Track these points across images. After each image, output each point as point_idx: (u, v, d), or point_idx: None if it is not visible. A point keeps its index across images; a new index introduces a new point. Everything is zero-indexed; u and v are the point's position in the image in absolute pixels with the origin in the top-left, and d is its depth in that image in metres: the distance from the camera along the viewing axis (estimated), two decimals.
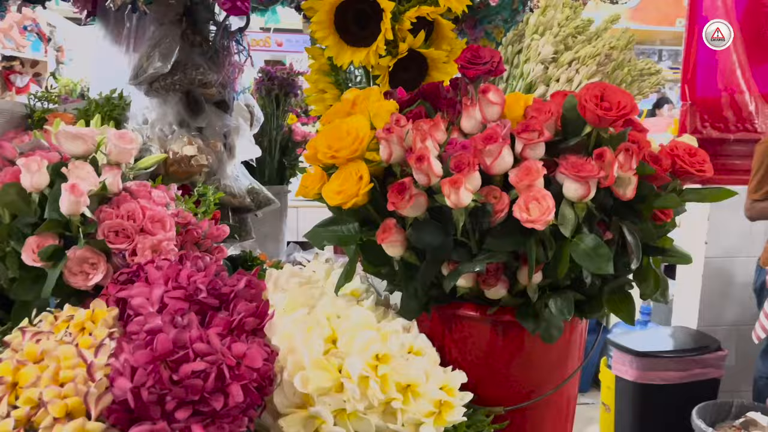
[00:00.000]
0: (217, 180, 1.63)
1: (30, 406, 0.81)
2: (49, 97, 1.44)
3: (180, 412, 0.76)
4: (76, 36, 4.82)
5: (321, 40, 1.38)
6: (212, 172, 1.62)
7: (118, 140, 1.23)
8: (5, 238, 1.20)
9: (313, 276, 1.16)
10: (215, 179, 1.63)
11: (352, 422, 0.85)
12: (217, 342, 0.84)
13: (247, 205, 1.68)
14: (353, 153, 0.92)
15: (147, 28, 1.57)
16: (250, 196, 1.68)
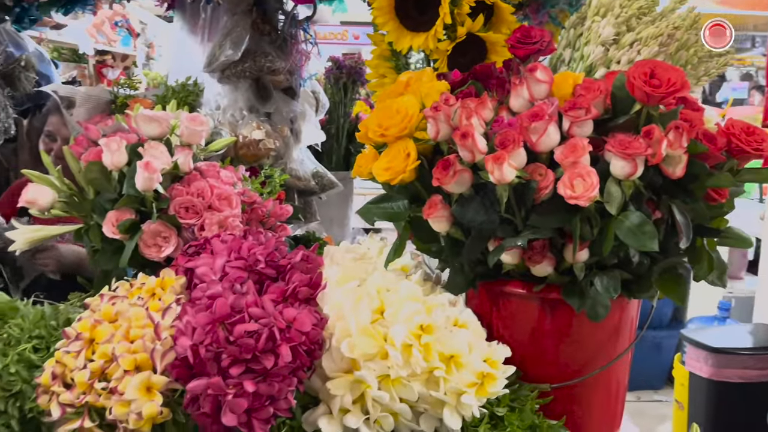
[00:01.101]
0: (284, 163, 1.71)
1: (104, 360, 0.90)
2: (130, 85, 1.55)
3: (234, 368, 0.82)
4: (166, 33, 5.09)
5: (381, 26, 1.42)
6: (279, 156, 1.70)
7: (189, 122, 1.31)
8: (89, 213, 1.31)
9: (366, 253, 1.20)
10: (282, 162, 1.70)
11: (396, 388, 0.88)
12: (271, 307, 0.89)
13: (311, 188, 1.74)
14: (402, 131, 0.95)
15: (220, 18, 1.66)
16: (314, 179, 1.75)
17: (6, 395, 0.89)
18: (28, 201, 1.24)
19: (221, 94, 1.68)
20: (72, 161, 1.33)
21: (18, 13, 1.59)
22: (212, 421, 0.83)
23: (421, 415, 0.91)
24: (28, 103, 2.66)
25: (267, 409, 0.83)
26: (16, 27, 1.69)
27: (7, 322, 0.97)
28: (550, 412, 0.98)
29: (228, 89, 1.67)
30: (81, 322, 0.94)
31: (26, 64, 2.45)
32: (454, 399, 0.89)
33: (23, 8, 1.57)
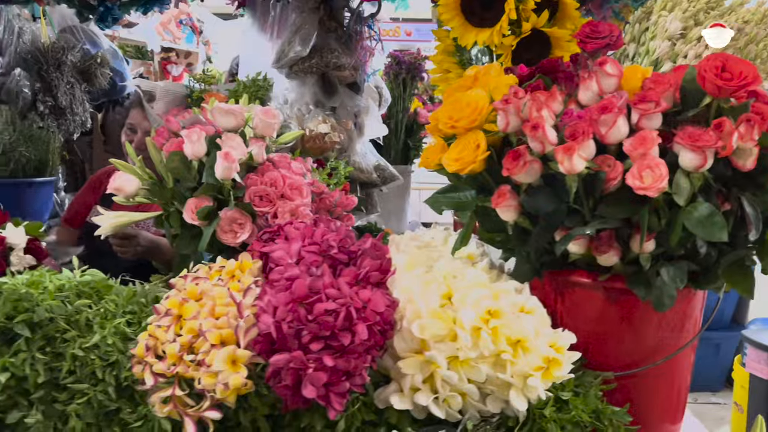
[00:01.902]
0: (347, 156, 1.76)
1: (192, 335, 0.97)
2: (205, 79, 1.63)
3: (314, 344, 0.87)
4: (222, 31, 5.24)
5: (447, 22, 1.46)
6: (343, 149, 1.75)
7: (263, 115, 1.38)
8: (170, 200, 1.40)
9: (431, 241, 1.25)
10: (345, 155, 1.76)
11: (464, 369, 0.92)
12: (346, 288, 0.95)
13: (373, 181, 1.80)
14: (472, 123, 0.99)
15: (289, 15, 1.72)
16: (376, 172, 1.80)
17: (104, 364, 0.97)
18: (115, 188, 1.33)
19: (289, 89, 1.75)
20: (154, 151, 1.41)
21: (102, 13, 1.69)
22: (292, 394, 0.89)
23: (488, 396, 0.95)
24: (102, 98, 2.82)
25: (343, 383, 0.88)
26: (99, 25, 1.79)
27: (102, 297, 1.05)
28: (612, 399, 1.01)
29: (295, 84, 1.73)
30: (170, 300, 1.02)
31: (102, 61, 2.60)
32: (521, 382, 0.92)
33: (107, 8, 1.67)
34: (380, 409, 0.96)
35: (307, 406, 0.92)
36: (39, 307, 0.97)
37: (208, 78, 1.69)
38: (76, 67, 2.55)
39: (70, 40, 2.59)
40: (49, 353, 0.97)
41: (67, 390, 0.96)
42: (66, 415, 0.96)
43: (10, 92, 2.39)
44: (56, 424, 0.96)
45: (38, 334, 0.97)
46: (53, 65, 2.48)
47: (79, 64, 2.57)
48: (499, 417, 0.95)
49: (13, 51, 2.51)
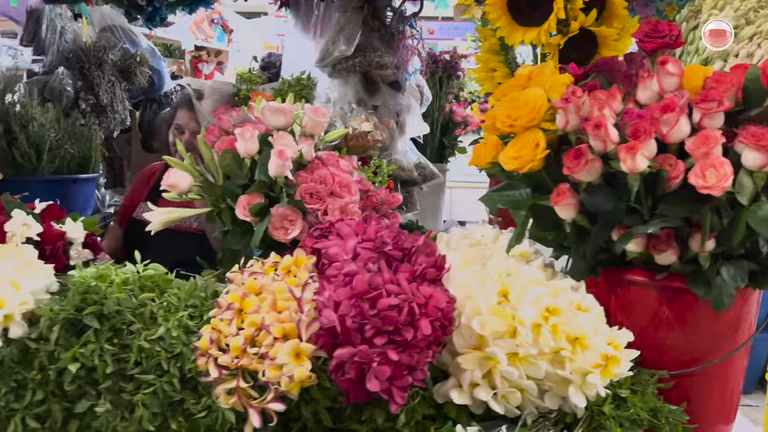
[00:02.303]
0: (389, 154, 1.78)
1: (254, 328, 0.99)
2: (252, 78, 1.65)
3: (378, 338, 0.89)
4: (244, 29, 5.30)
5: (493, 21, 1.46)
6: (384, 147, 1.77)
7: (313, 114, 1.40)
8: (220, 197, 1.42)
9: (481, 239, 1.26)
10: (387, 154, 1.77)
11: (523, 365, 0.93)
12: (406, 284, 0.96)
13: (414, 179, 1.81)
14: (530, 122, 1.00)
15: (332, 15, 1.74)
16: (417, 170, 1.81)
17: (169, 356, 0.99)
18: (170, 185, 1.36)
19: (331, 88, 1.77)
20: (205, 149, 1.44)
21: (150, 13, 1.73)
22: (355, 387, 0.91)
23: (546, 392, 0.96)
24: (140, 97, 2.87)
25: (406, 378, 0.90)
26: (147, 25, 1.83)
27: (164, 291, 1.07)
28: (667, 398, 1.01)
29: (338, 83, 1.75)
30: (231, 294, 1.04)
31: (141, 60, 2.64)
32: (580, 378, 0.93)
33: (155, 8, 1.70)
34: (439, 403, 0.97)
35: (369, 400, 0.94)
36: (108, 300, 0.99)
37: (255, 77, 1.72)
38: (116, 66, 2.60)
39: (111, 39, 2.64)
40: (117, 345, 0.99)
41: (134, 380, 0.99)
42: (132, 404, 0.98)
43: (53, 90, 2.45)
44: (123, 414, 0.98)
45: (106, 326, 1.00)
46: (95, 64, 2.53)
47: (120, 63, 2.61)
48: (557, 413, 0.96)
49: (56, 50, 2.56)
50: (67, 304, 0.99)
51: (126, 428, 0.97)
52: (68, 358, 0.97)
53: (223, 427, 0.97)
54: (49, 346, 0.98)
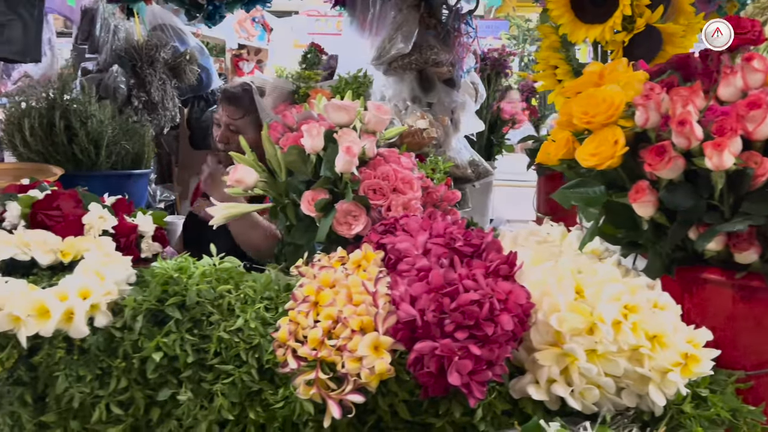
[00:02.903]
0: (443, 152, 1.78)
1: (331, 321, 1.00)
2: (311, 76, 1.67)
3: (459, 333, 0.90)
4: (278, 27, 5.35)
5: (556, 19, 1.46)
6: (439, 144, 1.77)
7: (376, 111, 1.41)
8: (283, 192, 1.45)
9: (547, 237, 1.26)
10: (441, 151, 1.78)
11: (601, 362, 0.93)
12: (483, 280, 0.97)
13: (468, 176, 1.81)
14: (608, 119, 0.99)
15: (388, 13, 1.75)
16: (471, 167, 1.81)
17: (247, 347, 1.01)
18: (236, 180, 1.38)
19: (386, 85, 1.78)
20: (268, 145, 1.46)
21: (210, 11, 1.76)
22: (435, 381, 0.91)
23: (623, 390, 0.96)
24: (189, 94, 2.92)
25: (485, 372, 0.90)
26: (207, 23, 1.86)
27: (239, 283, 1.09)
28: (744, 398, 1.00)
29: (393, 80, 1.76)
30: (306, 287, 1.05)
31: (190, 58, 2.69)
32: (659, 376, 0.93)
33: (215, 6, 1.73)
34: (514, 399, 0.97)
35: (446, 394, 0.95)
36: (190, 291, 1.02)
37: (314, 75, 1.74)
38: (167, 64, 2.65)
39: (162, 38, 2.69)
40: (197, 335, 1.02)
41: (213, 370, 1.01)
42: (212, 394, 1.00)
43: (107, 88, 2.50)
44: (203, 402, 1.01)
45: (186, 317, 1.02)
46: (147, 62, 2.58)
47: (170, 61, 2.66)
48: (635, 411, 0.96)
49: (110, 48, 2.62)
50: (150, 295, 1.02)
51: (206, 417, 1.00)
52: (152, 347, 0.99)
53: (301, 418, 0.99)
54: (133, 335, 1.01)
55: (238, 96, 1.91)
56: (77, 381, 1.00)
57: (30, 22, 1.94)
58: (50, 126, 2.06)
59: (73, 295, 0.98)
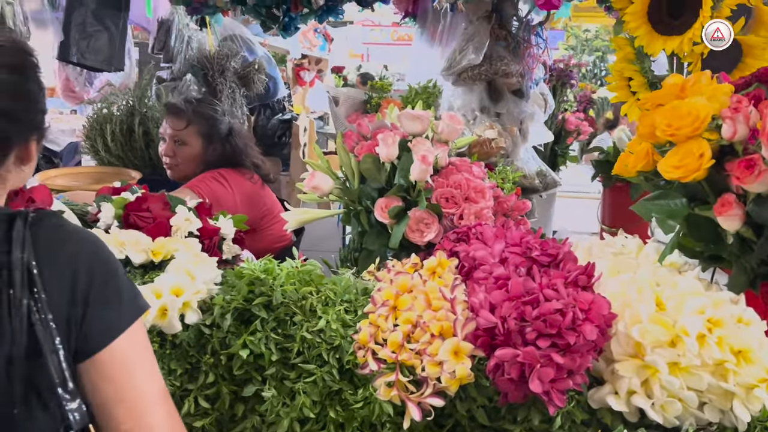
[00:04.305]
0: (511, 161, 1.79)
1: (410, 325, 1.03)
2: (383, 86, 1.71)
3: (541, 341, 0.91)
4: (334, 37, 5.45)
5: (633, 30, 1.45)
6: (506, 154, 1.79)
7: (449, 121, 1.44)
8: (357, 199, 1.48)
9: (623, 249, 1.25)
10: (509, 161, 1.79)
11: (684, 376, 0.93)
12: (563, 289, 0.98)
13: (535, 186, 1.81)
14: (694, 131, 0.99)
15: (458, 25, 1.78)
16: (538, 177, 1.82)
17: (328, 348, 1.05)
18: (313, 187, 1.43)
19: (454, 95, 1.81)
20: (342, 153, 1.50)
21: (286, 23, 1.82)
22: (515, 387, 0.93)
23: (705, 404, 0.95)
24: (255, 102, 3.01)
25: (566, 381, 0.91)
26: (282, 34, 1.93)
27: (320, 285, 1.13)
28: None
29: (462, 91, 1.78)
30: (385, 292, 1.08)
31: (259, 68, 2.77)
32: (744, 392, 0.91)
33: (291, 18, 1.80)
34: (593, 408, 0.98)
35: (525, 400, 0.96)
36: (275, 292, 1.06)
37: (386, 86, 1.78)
38: (236, 73, 2.75)
39: (232, 48, 2.79)
40: (281, 334, 1.06)
41: (296, 369, 1.05)
42: (294, 392, 1.04)
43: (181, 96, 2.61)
44: (285, 400, 1.04)
45: (271, 316, 1.06)
46: (218, 71, 2.68)
47: (240, 71, 2.76)
48: (717, 426, 0.95)
49: (183, 58, 2.73)
50: (237, 294, 1.07)
51: (288, 414, 1.03)
52: (239, 344, 1.04)
53: (380, 419, 1.01)
54: (221, 333, 1.06)
55: (180, 108, 1.99)
56: (169, 374, 1.05)
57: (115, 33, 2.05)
58: (130, 132, 2.17)
59: (167, 292, 1.04)
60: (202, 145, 1.98)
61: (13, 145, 0.75)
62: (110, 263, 0.78)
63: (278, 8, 1.78)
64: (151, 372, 0.80)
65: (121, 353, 0.75)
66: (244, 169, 1.97)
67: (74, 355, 0.72)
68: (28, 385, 0.67)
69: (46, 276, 0.70)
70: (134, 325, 0.78)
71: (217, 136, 1.99)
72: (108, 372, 0.73)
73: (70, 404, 0.68)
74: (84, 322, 0.72)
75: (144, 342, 0.80)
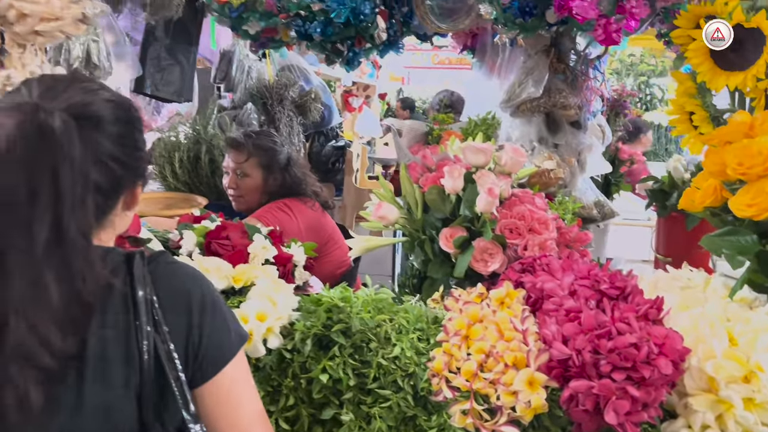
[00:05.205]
0: (568, 192, 1.82)
1: (483, 354, 1.06)
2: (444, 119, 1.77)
3: (616, 374, 0.93)
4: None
5: (696, 66, 1.48)
6: (564, 185, 1.81)
7: (513, 153, 1.48)
8: (420, 229, 1.53)
9: (690, 282, 1.27)
10: (567, 191, 1.82)
11: (759, 411, 0.94)
12: (635, 323, 1.00)
13: (593, 217, 1.83)
14: (765, 171, 1.01)
15: (517, 58, 1.83)
16: (596, 208, 1.84)
17: (403, 374, 1.09)
18: (380, 216, 1.49)
19: (512, 127, 1.85)
20: (407, 183, 1.56)
21: (350, 58, 1.90)
22: (589, 418, 0.95)
23: None
24: (311, 130, 3.10)
25: (641, 414, 0.94)
26: (346, 68, 2.01)
27: (393, 314, 1.18)
28: None
29: (520, 122, 1.83)
30: (457, 321, 1.12)
31: (315, 97, 2.86)
32: None
33: (354, 53, 1.88)
34: None
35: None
36: (353, 319, 1.11)
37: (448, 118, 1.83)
38: (294, 102, 2.84)
39: (290, 78, 2.89)
40: (358, 360, 1.11)
41: (372, 394, 1.09)
42: (370, 416, 1.09)
43: (242, 124, 2.72)
44: (361, 424, 1.09)
45: (348, 343, 1.11)
46: (276, 100, 2.78)
47: (297, 99, 2.85)
48: None
49: (243, 88, 2.84)
50: (317, 321, 1.12)
51: None
52: (319, 369, 1.09)
53: None
54: (302, 357, 1.11)
55: (240, 142, 2.07)
56: None
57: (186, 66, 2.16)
58: (196, 159, 2.27)
59: (252, 318, 1.10)
60: (262, 176, 2.05)
61: (123, 189, 0.82)
62: (217, 296, 0.85)
63: (342, 44, 1.86)
64: (253, 394, 0.85)
65: (230, 378, 0.81)
66: (305, 198, 2.04)
67: (190, 381, 0.78)
68: (155, 410, 0.74)
69: (166, 310, 0.77)
70: (239, 352, 0.84)
71: (277, 167, 2.06)
72: (220, 396, 0.80)
73: (193, 427, 0.74)
74: (199, 350, 0.79)
75: (246, 366, 0.86)
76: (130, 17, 2.01)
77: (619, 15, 1.56)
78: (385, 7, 1.87)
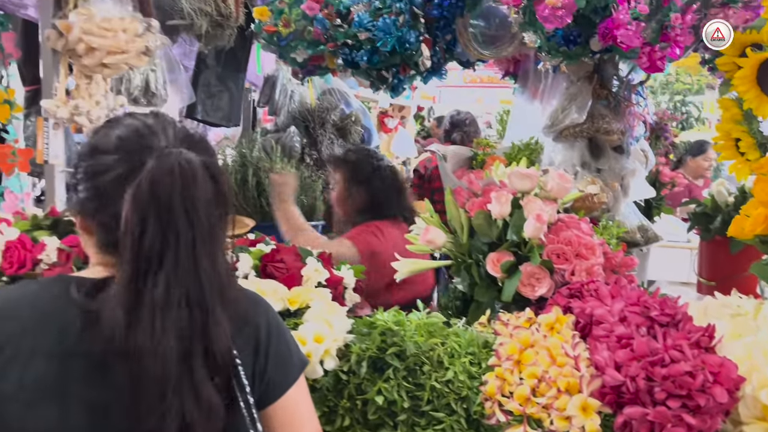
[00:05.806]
0: (612, 216, 1.83)
1: (535, 379, 1.08)
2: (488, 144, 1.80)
3: (671, 401, 0.95)
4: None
5: (742, 94, 1.49)
6: (607, 209, 1.83)
7: (559, 179, 1.50)
8: (467, 253, 1.56)
9: (740, 309, 1.27)
10: (610, 215, 1.83)
11: None
12: (688, 350, 1.01)
13: (636, 241, 1.84)
14: None
15: (559, 84, 1.86)
16: (639, 232, 1.84)
17: (456, 398, 1.12)
18: (428, 240, 1.52)
19: (555, 151, 1.87)
20: (452, 208, 1.59)
21: (395, 84, 1.95)
22: None
23: None
24: None
25: None
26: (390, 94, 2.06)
27: (445, 337, 1.21)
28: None
29: (562, 147, 1.85)
30: (509, 346, 1.15)
31: (356, 120, 2.92)
32: None
33: (399, 80, 1.93)
34: None
35: None
36: (407, 343, 1.14)
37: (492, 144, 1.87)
38: (335, 125, 2.91)
39: (331, 101, 2.96)
40: (411, 383, 1.14)
41: (426, 416, 1.12)
42: None
43: (284, 147, 2.79)
44: None
45: (402, 365, 1.15)
46: (318, 123, 2.85)
47: (338, 123, 2.92)
48: None
49: (286, 111, 2.92)
50: (372, 344, 1.16)
51: None
52: (374, 391, 1.12)
53: None
54: (357, 379, 1.14)
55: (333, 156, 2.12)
56: None
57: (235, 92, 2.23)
58: (243, 181, 2.34)
59: (310, 340, 1.14)
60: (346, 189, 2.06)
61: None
62: (280, 321, 0.89)
63: (387, 71, 1.91)
64: (312, 414, 0.89)
65: (293, 401, 0.85)
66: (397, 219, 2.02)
67: (256, 403, 0.82)
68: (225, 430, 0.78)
69: (234, 334, 0.81)
70: (301, 375, 0.88)
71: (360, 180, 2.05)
72: (283, 417, 0.84)
73: None
74: (266, 374, 0.83)
75: (306, 389, 0.90)
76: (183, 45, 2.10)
77: (664, 43, 1.58)
78: (429, 35, 1.92)
